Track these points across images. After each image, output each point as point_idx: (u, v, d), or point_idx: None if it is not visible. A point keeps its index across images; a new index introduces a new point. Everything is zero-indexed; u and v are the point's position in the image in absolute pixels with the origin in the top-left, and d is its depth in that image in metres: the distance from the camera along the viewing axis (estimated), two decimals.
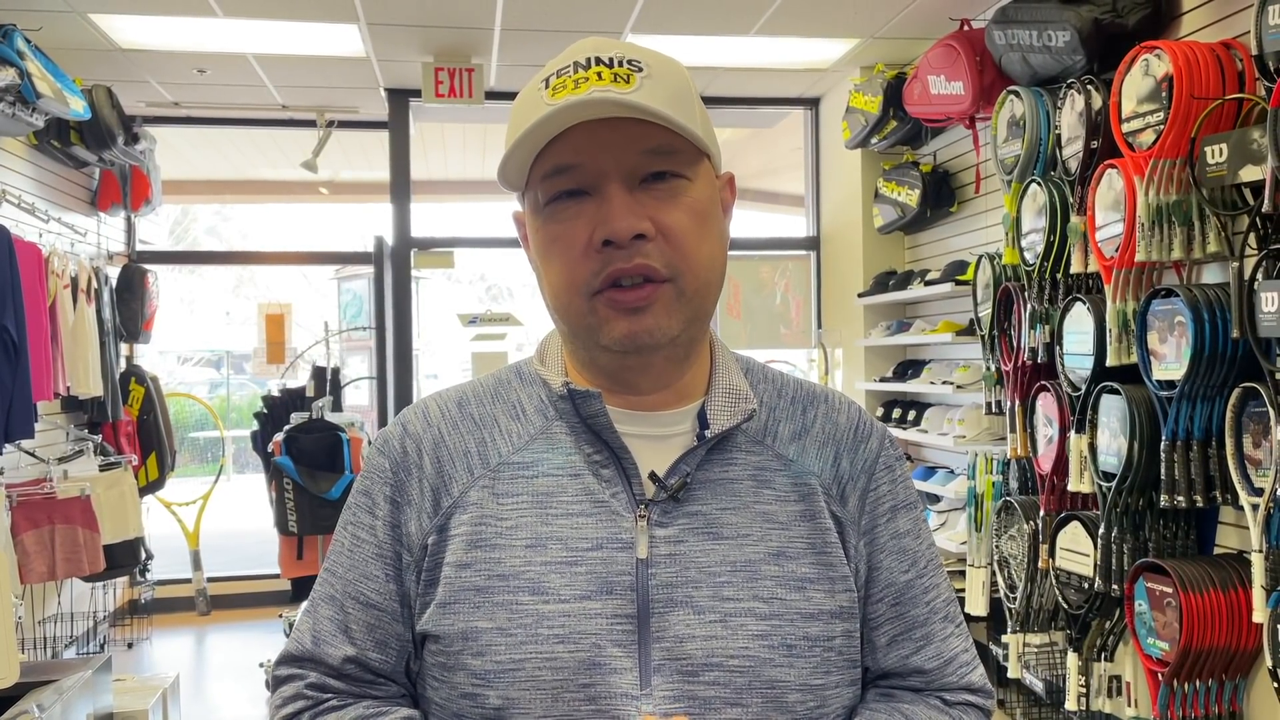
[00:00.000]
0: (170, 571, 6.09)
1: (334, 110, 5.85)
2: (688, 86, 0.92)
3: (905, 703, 0.98)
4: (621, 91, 0.86)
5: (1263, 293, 2.41)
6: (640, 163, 0.89)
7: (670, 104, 0.88)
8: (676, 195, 0.90)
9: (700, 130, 0.91)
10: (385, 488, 0.97)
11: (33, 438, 3.91)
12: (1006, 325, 3.58)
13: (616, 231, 0.87)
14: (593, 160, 0.88)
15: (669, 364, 0.95)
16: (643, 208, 0.88)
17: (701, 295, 0.92)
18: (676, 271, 0.89)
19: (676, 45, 4.70)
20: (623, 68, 0.88)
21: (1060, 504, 3.27)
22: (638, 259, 0.88)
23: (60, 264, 4.42)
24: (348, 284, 10.10)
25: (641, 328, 0.89)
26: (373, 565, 0.95)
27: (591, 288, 0.89)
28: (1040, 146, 3.35)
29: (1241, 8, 2.73)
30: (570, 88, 0.87)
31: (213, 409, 8.47)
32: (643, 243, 0.88)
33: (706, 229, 0.92)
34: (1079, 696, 3.14)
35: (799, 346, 5.91)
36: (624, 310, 0.89)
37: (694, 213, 0.90)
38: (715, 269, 0.93)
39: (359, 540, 0.97)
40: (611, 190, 0.88)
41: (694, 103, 0.92)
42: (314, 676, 0.96)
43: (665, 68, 0.91)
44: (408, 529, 0.95)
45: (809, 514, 0.95)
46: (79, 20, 4.26)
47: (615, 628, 0.89)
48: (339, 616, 0.96)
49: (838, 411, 1.02)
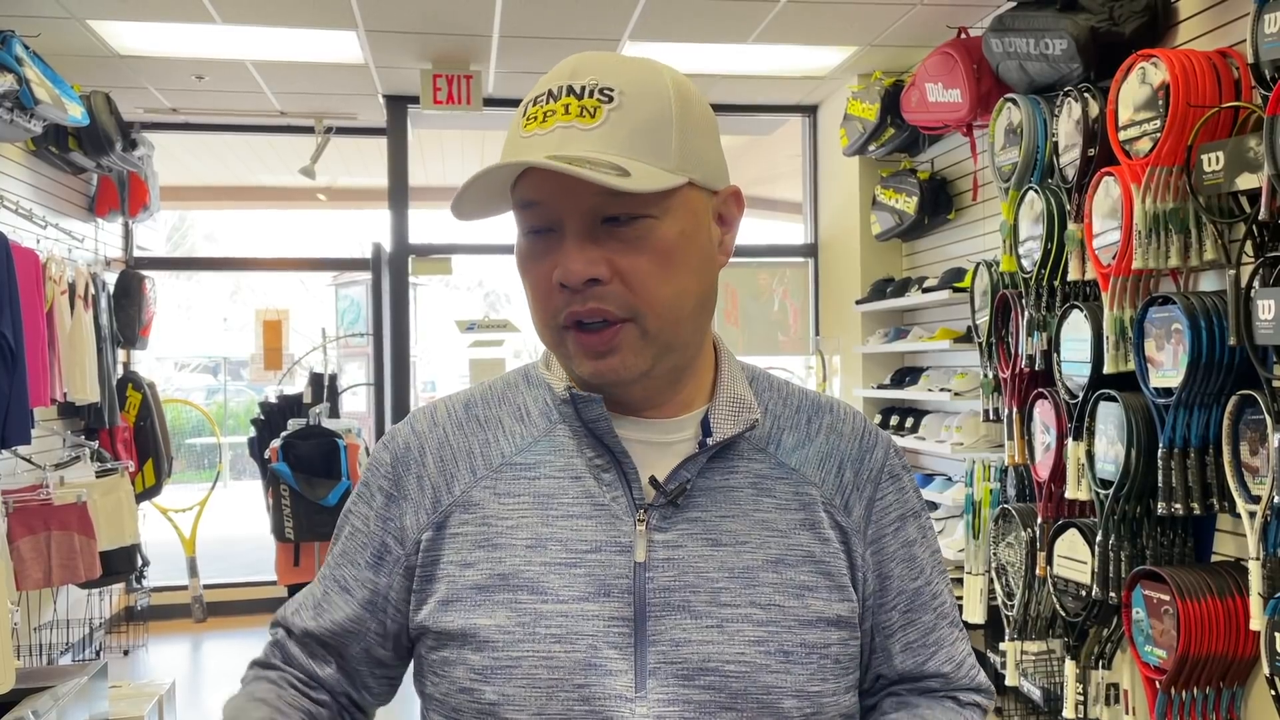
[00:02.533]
0: (166, 578, 6.07)
1: (332, 117, 5.86)
2: (663, 111, 0.88)
3: (924, 708, 1.00)
4: (585, 127, 0.86)
5: (1259, 300, 2.41)
6: (598, 204, 0.87)
7: (633, 138, 0.86)
8: (639, 237, 0.88)
9: (673, 159, 0.88)
10: (383, 481, 1.00)
11: (29, 443, 3.90)
12: (1004, 332, 3.58)
13: (568, 276, 0.87)
14: (552, 200, 0.88)
15: (656, 389, 0.95)
16: (600, 250, 0.88)
17: (669, 332, 0.91)
18: (635, 312, 0.89)
19: (674, 52, 4.71)
20: (591, 99, 0.87)
21: (1058, 511, 3.27)
22: (592, 303, 0.88)
23: (58, 270, 4.41)
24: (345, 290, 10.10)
25: (607, 367, 0.90)
26: (358, 553, 1.00)
27: (559, 322, 0.91)
28: (1037, 154, 3.36)
29: (1238, 16, 2.74)
30: (539, 120, 0.88)
31: (210, 415, 8.45)
32: (597, 286, 0.88)
33: (673, 267, 0.89)
34: (1077, 704, 3.14)
35: (797, 353, 5.92)
36: (590, 352, 0.90)
37: (658, 253, 0.88)
38: (684, 304, 0.91)
39: (355, 530, 1.01)
40: (567, 232, 0.88)
41: (669, 128, 0.88)
42: (280, 636, 1.04)
43: (642, 92, 0.88)
44: (402, 523, 0.97)
45: (809, 522, 0.96)
46: (77, 26, 4.26)
47: (612, 630, 0.90)
48: (318, 593, 1.03)
49: (842, 421, 1.03)
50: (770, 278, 5.84)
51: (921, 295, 4.44)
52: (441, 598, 0.93)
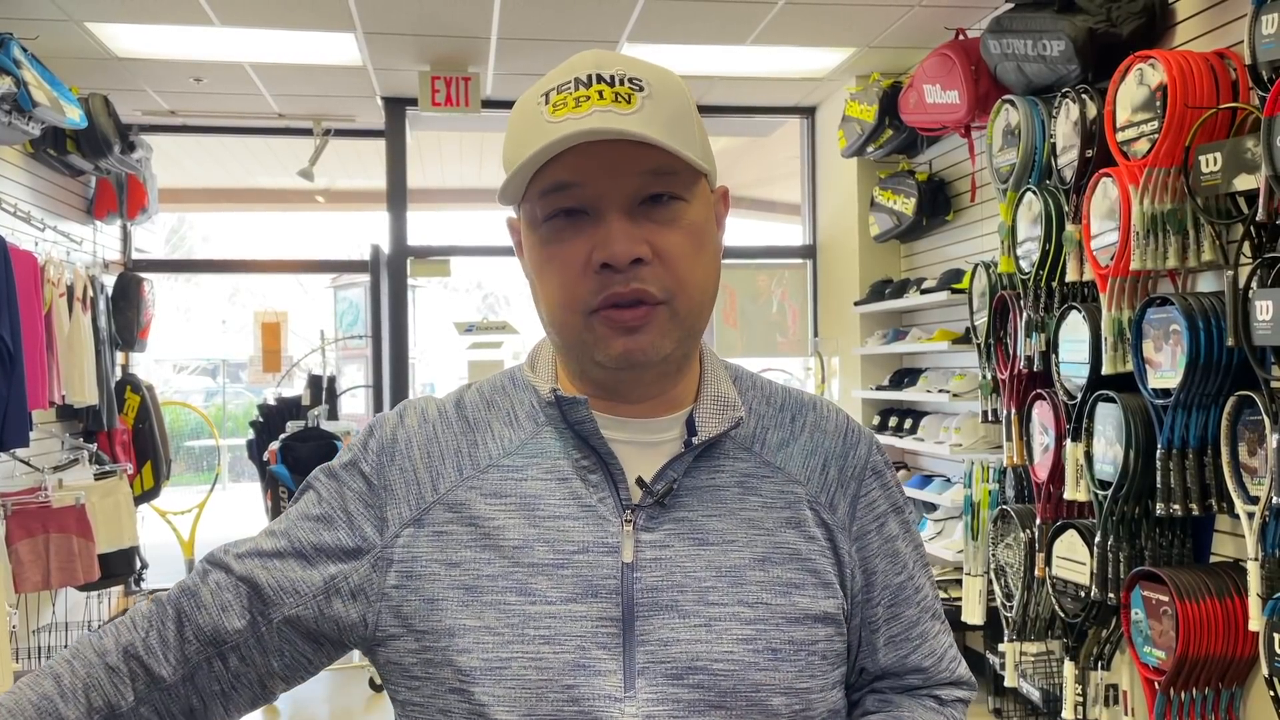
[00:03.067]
0: (165, 580, 6.05)
1: (331, 119, 5.85)
2: (687, 105, 0.92)
3: (905, 709, 1.00)
4: (623, 112, 0.87)
5: (1257, 301, 2.41)
6: (640, 185, 0.89)
7: (670, 125, 0.88)
8: (674, 218, 0.90)
9: (698, 150, 0.91)
10: (366, 466, 0.97)
11: (28, 446, 3.91)
12: (1002, 334, 3.58)
13: (615, 256, 0.88)
14: (592, 181, 0.88)
15: (659, 379, 0.96)
16: (640, 231, 0.89)
17: (695, 316, 0.93)
18: (671, 294, 0.90)
19: (673, 54, 4.71)
20: (624, 86, 0.88)
21: (1056, 512, 3.27)
22: (634, 284, 0.89)
23: (56, 272, 4.41)
24: (344, 292, 10.10)
25: (636, 346, 0.91)
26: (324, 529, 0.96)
27: (589, 306, 0.90)
28: (1035, 155, 3.36)
29: (1235, 17, 2.74)
30: (571, 105, 0.87)
31: (208, 417, 8.44)
32: (639, 267, 0.89)
33: (702, 251, 0.93)
34: (1076, 705, 3.13)
35: (795, 355, 5.92)
36: (621, 329, 0.90)
37: (691, 235, 0.91)
38: (708, 290, 0.94)
39: (323, 500, 0.98)
40: (611, 213, 0.88)
41: (693, 121, 0.92)
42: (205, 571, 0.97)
43: (666, 86, 0.91)
44: (382, 514, 0.95)
45: (795, 520, 0.97)
46: (76, 29, 4.26)
47: (600, 630, 0.90)
48: (266, 547, 0.97)
49: (825, 419, 1.04)
50: (769, 279, 5.85)
51: (920, 296, 4.44)
52: (427, 596, 0.92)
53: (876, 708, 1.01)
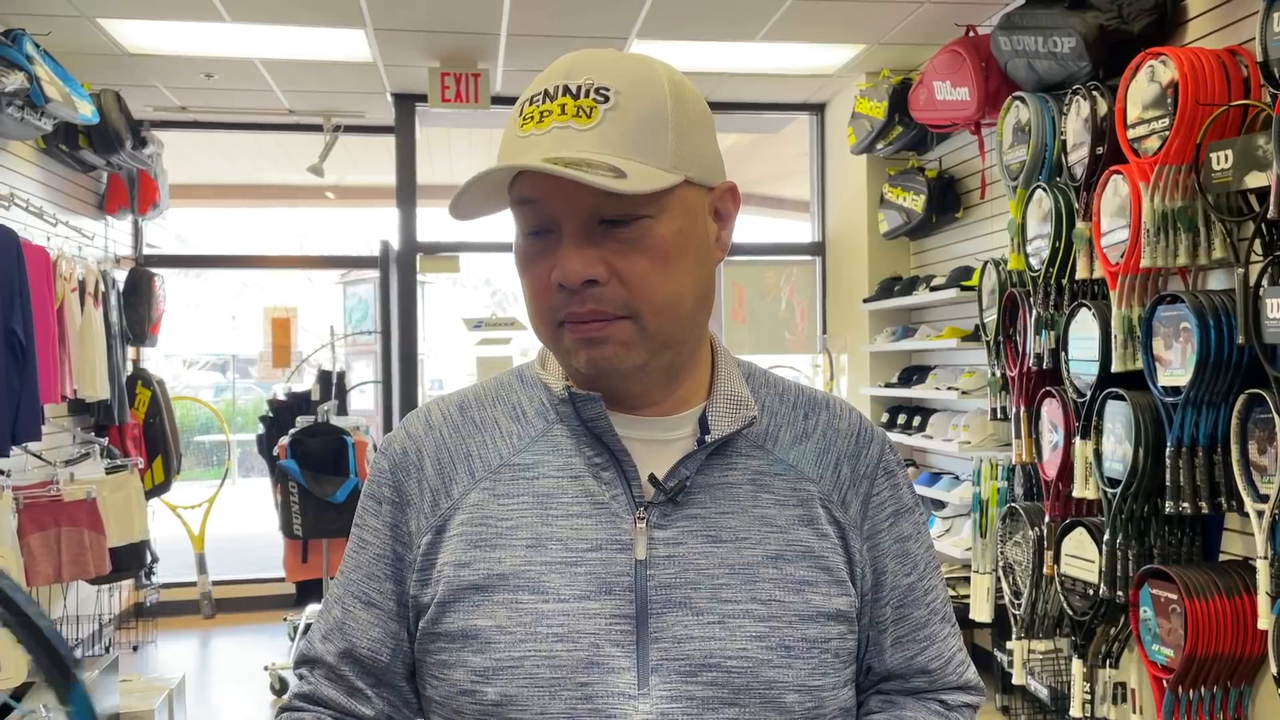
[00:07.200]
0: (175, 575, 6.10)
1: (340, 115, 5.87)
2: (660, 109, 0.89)
3: (908, 710, 1.00)
4: (581, 128, 0.86)
5: (1268, 299, 2.41)
6: (595, 206, 0.87)
7: (631, 138, 0.87)
8: (638, 237, 0.88)
9: (667, 157, 0.88)
10: (385, 489, 0.99)
11: (40, 440, 3.93)
12: (1012, 331, 3.58)
13: (565, 277, 0.88)
14: (549, 199, 0.88)
15: (654, 386, 0.96)
16: (598, 250, 0.88)
17: (668, 329, 0.91)
18: (633, 311, 0.89)
19: (682, 51, 4.71)
20: (587, 99, 0.87)
21: (1065, 510, 3.26)
22: (589, 304, 0.88)
23: (68, 267, 4.43)
24: (353, 288, 10.11)
25: (601, 356, 0.90)
26: (374, 565, 0.98)
27: (557, 318, 0.91)
28: (1045, 152, 3.36)
29: (1246, 14, 2.73)
30: (536, 120, 0.88)
31: (218, 412, 8.47)
32: (594, 288, 0.88)
33: (671, 266, 0.90)
34: (1084, 703, 3.13)
35: (803, 352, 5.92)
36: (584, 340, 0.91)
37: (655, 253, 0.89)
38: (684, 300, 0.92)
39: (364, 543, 1.00)
40: (565, 233, 0.89)
41: (665, 126, 0.89)
42: (309, 682, 0.99)
43: (638, 91, 0.88)
44: (408, 528, 0.97)
45: (808, 518, 0.97)
46: (87, 25, 4.28)
47: (614, 628, 0.90)
48: (340, 615, 0.99)
49: (839, 418, 1.03)
50: (777, 276, 5.84)
51: (929, 294, 4.43)
52: (440, 599, 0.93)
53: (879, 708, 1.01)
